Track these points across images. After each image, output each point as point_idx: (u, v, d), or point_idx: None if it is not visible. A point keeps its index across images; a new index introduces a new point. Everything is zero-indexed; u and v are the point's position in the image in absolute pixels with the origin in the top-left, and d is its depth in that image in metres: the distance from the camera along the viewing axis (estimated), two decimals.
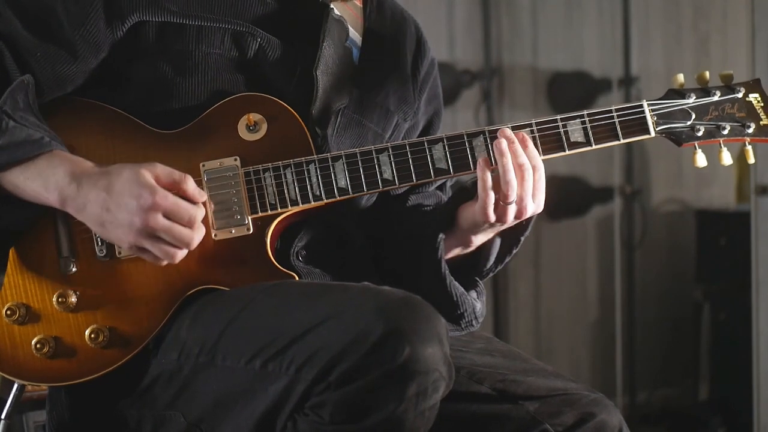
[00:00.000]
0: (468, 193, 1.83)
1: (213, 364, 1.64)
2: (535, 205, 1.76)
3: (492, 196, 1.73)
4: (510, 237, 1.89)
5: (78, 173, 1.66)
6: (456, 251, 1.87)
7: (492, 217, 1.75)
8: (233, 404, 1.62)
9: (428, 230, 1.84)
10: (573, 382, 1.80)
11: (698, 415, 4.57)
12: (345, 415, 1.51)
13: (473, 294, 1.89)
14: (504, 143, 1.73)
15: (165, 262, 1.68)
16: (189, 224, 1.65)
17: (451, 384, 1.55)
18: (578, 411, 1.74)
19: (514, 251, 1.92)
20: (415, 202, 1.95)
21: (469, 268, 1.90)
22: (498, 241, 1.89)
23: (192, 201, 1.67)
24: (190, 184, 1.67)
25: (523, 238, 1.90)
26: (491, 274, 1.94)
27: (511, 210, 1.74)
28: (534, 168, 1.74)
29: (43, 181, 1.66)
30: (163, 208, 1.63)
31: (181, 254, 1.67)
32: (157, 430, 1.72)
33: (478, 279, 1.91)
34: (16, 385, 1.87)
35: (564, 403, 1.75)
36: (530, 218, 1.85)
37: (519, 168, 1.73)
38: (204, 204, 1.71)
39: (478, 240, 1.85)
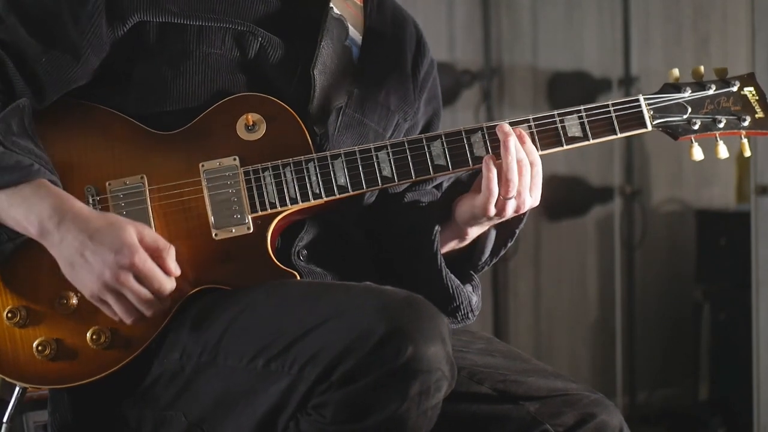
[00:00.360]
0: (463, 185, 1.84)
1: (215, 363, 1.64)
2: (532, 200, 1.78)
3: (496, 192, 1.74)
4: (505, 229, 1.90)
5: (63, 209, 1.64)
6: (452, 244, 1.88)
7: (492, 212, 1.76)
8: (235, 404, 1.62)
9: (424, 224, 1.85)
10: (573, 382, 1.80)
11: (698, 415, 4.57)
12: (347, 414, 1.50)
13: (468, 287, 1.89)
14: (505, 139, 1.74)
15: (118, 319, 1.66)
16: (158, 292, 1.64)
17: (453, 383, 1.55)
18: (579, 411, 1.74)
19: (509, 243, 1.93)
20: (412, 199, 1.95)
21: (464, 261, 1.91)
22: (493, 234, 1.90)
23: (167, 273, 1.65)
24: (170, 256, 1.65)
25: (518, 231, 1.91)
26: (486, 267, 1.95)
27: (511, 205, 1.76)
28: (532, 163, 1.75)
29: (26, 209, 1.64)
30: (137, 270, 1.61)
31: (136, 320, 1.65)
32: (159, 430, 1.72)
33: (473, 273, 1.92)
34: (18, 388, 1.87)
35: (564, 404, 1.75)
36: (519, 223, 1.88)
37: (518, 164, 1.74)
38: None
39: (474, 232, 1.86)
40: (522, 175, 1.74)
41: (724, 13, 5.07)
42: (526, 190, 1.76)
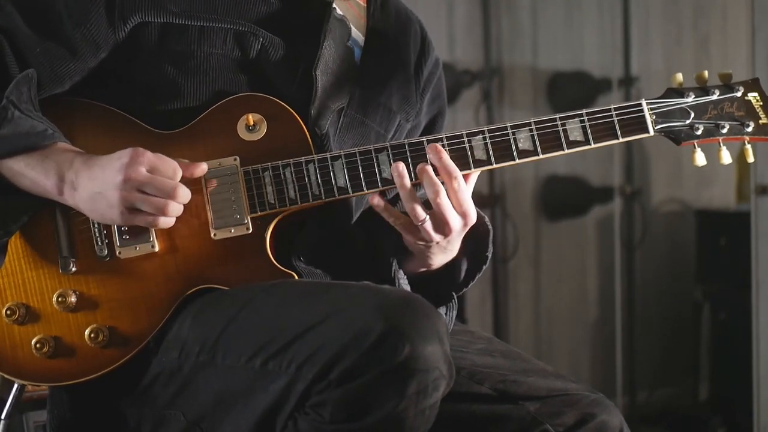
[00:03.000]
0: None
1: (213, 362, 1.64)
2: (462, 217, 1.72)
3: (419, 211, 1.70)
4: (476, 256, 1.89)
5: (77, 158, 1.68)
6: (422, 269, 1.86)
7: (413, 240, 1.73)
8: (233, 403, 1.62)
9: (383, 248, 1.84)
10: (573, 382, 1.80)
11: (698, 415, 4.57)
12: (345, 413, 1.51)
13: (442, 309, 1.87)
14: (401, 168, 1.70)
15: (160, 222, 1.67)
16: (173, 176, 1.66)
17: (451, 382, 1.55)
18: (579, 411, 1.75)
19: (484, 268, 1.91)
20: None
21: (439, 282, 1.88)
22: (464, 261, 1.88)
23: (183, 167, 1.68)
24: (182, 160, 1.69)
25: (489, 255, 1.90)
26: (464, 289, 1.92)
27: (428, 227, 1.71)
28: (453, 179, 1.70)
29: (44, 167, 1.67)
30: (142, 160, 1.64)
31: (172, 208, 1.66)
32: (158, 429, 1.72)
33: (453, 293, 1.91)
34: (16, 385, 1.88)
35: (564, 404, 1.75)
36: (486, 235, 1.86)
37: (432, 186, 1.69)
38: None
39: (435, 261, 1.82)
40: (438, 194, 1.69)
41: (724, 13, 5.06)
42: (447, 207, 1.70)
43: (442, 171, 1.70)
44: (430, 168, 1.71)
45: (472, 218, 1.74)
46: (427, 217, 1.71)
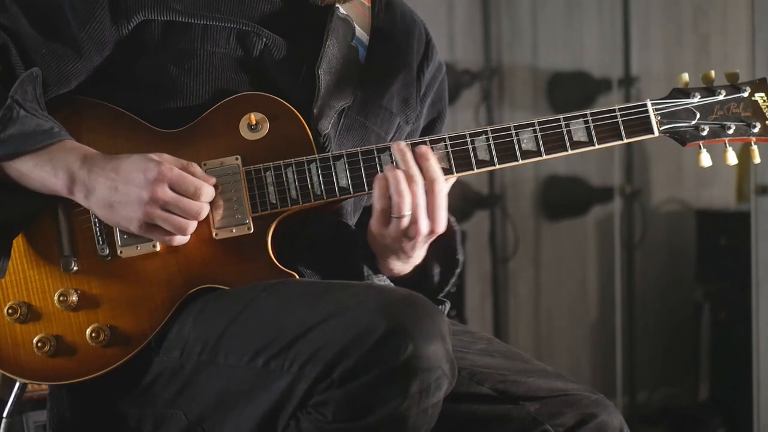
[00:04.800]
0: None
1: (215, 362, 1.64)
2: (432, 223, 1.71)
3: (386, 207, 1.69)
4: (447, 259, 1.88)
5: (89, 158, 1.67)
6: (397, 265, 1.83)
7: (384, 232, 1.71)
8: (235, 403, 1.62)
9: (354, 252, 1.83)
10: (574, 382, 1.80)
11: (698, 415, 4.57)
12: (348, 413, 1.51)
13: None
14: (397, 155, 1.70)
15: (176, 240, 1.68)
16: (195, 196, 1.67)
17: (453, 382, 1.55)
18: (579, 412, 1.75)
19: (457, 272, 1.91)
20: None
21: (413, 289, 1.88)
22: (435, 265, 1.87)
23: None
24: (196, 168, 1.69)
25: (460, 257, 1.89)
26: (441, 295, 1.92)
27: (403, 223, 1.69)
28: (432, 181, 1.70)
29: (53, 165, 1.66)
30: (168, 179, 1.64)
31: (192, 227, 1.68)
32: (158, 429, 1.72)
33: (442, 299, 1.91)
34: (17, 384, 1.88)
35: (565, 404, 1.75)
36: (453, 236, 1.84)
37: (409, 178, 1.68)
38: (213, 187, 1.71)
39: (395, 266, 1.81)
40: (415, 194, 1.68)
41: (724, 13, 5.07)
42: (421, 208, 1.69)
43: (427, 173, 1.70)
44: (433, 158, 1.70)
45: (441, 228, 1.73)
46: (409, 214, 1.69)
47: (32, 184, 1.68)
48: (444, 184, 1.72)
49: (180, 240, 1.69)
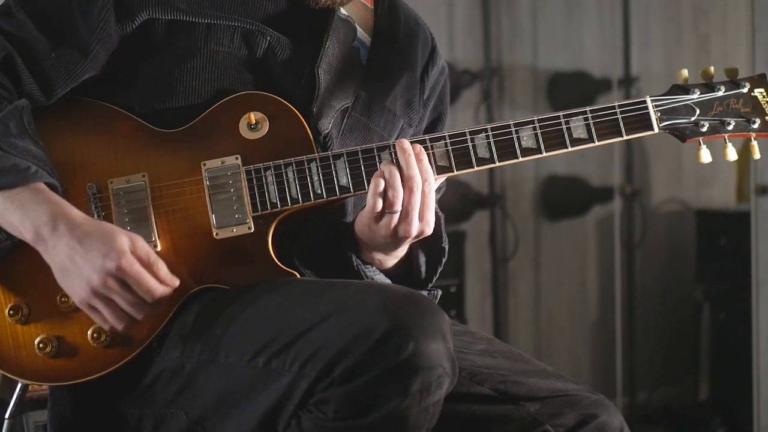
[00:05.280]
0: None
1: (215, 361, 1.64)
2: (422, 224, 1.71)
3: (379, 202, 1.69)
4: (432, 248, 1.87)
5: (58, 216, 1.64)
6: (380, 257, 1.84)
7: (375, 225, 1.71)
8: (236, 402, 1.62)
9: (344, 244, 1.83)
10: (574, 383, 1.80)
11: (698, 415, 4.57)
12: (349, 411, 1.51)
13: None
14: (400, 154, 1.70)
15: (108, 326, 1.65)
16: (146, 296, 1.62)
17: (455, 380, 1.55)
18: (579, 412, 1.75)
19: (444, 261, 1.89)
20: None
21: (399, 281, 1.87)
22: (421, 255, 1.87)
23: (161, 279, 1.63)
24: (162, 269, 1.63)
25: (445, 246, 1.88)
26: (429, 285, 1.91)
27: (394, 219, 1.70)
28: (424, 181, 1.70)
29: (22, 215, 1.64)
30: (124, 274, 1.60)
31: (130, 322, 1.64)
32: (159, 428, 1.72)
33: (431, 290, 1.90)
34: (19, 385, 1.88)
35: (565, 404, 1.75)
36: (440, 228, 1.83)
37: (409, 179, 1.69)
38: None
39: (383, 259, 1.82)
40: (412, 192, 1.69)
41: (724, 13, 5.07)
42: (415, 209, 1.69)
43: (423, 172, 1.70)
44: (425, 159, 1.71)
45: (429, 230, 1.73)
46: (401, 211, 1.70)
47: (5, 227, 1.67)
48: (434, 185, 1.72)
49: (122, 327, 1.64)
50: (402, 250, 1.81)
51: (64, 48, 1.74)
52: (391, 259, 1.83)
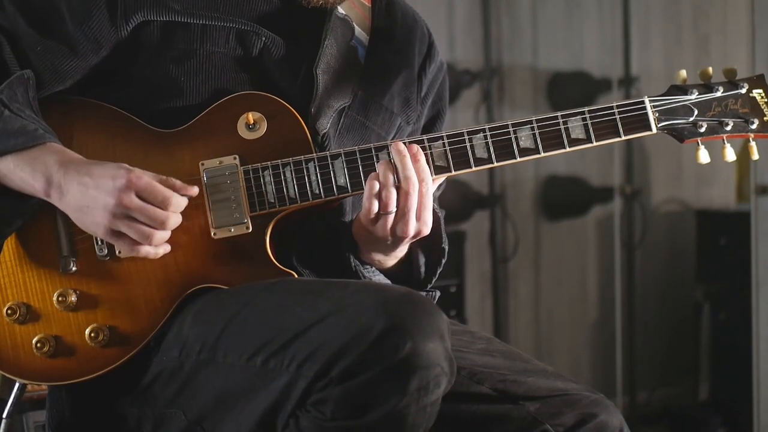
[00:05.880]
0: None
1: (214, 361, 1.64)
2: (419, 224, 1.71)
3: (375, 204, 1.70)
4: (432, 248, 1.87)
5: (66, 161, 1.68)
6: (380, 257, 1.84)
7: (372, 226, 1.71)
8: (234, 402, 1.62)
9: (342, 245, 1.83)
10: (574, 382, 1.80)
11: (698, 415, 4.57)
12: (347, 410, 1.51)
13: None
14: (396, 156, 1.71)
15: (143, 250, 1.67)
16: (163, 205, 1.66)
17: (452, 380, 1.55)
18: (579, 411, 1.74)
19: (443, 261, 1.90)
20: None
21: (398, 282, 1.87)
22: (421, 255, 1.87)
23: (176, 190, 1.68)
24: (174, 181, 1.69)
25: (445, 246, 1.88)
26: (429, 286, 1.91)
27: (390, 221, 1.70)
28: (421, 181, 1.70)
29: (32, 168, 1.67)
30: (136, 187, 1.64)
31: (158, 236, 1.67)
32: (158, 429, 1.72)
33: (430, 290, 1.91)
34: (17, 385, 1.88)
35: (565, 404, 1.75)
36: (439, 228, 1.83)
37: (405, 180, 1.69)
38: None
39: (382, 259, 1.82)
40: (408, 194, 1.69)
41: (724, 13, 5.07)
42: (412, 210, 1.69)
43: (417, 174, 1.70)
44: (422, 159, 1.71)
45: (427, 230, 1.73)
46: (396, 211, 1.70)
47: (15, 185, 1.69)
48: (431, 185, 1.72)
49: (147, 251, 1.68)
50: (401, 251, 1.81)
51: (51, 42, 1.75)
52: (391, 260, 1.83)
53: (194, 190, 1.71)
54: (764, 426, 3.66)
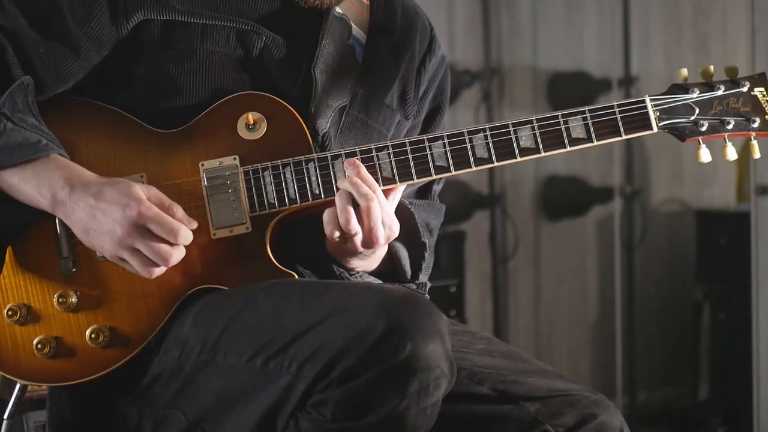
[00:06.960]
0: None
1: (214, 362, 1.64)
2: (386, 230, 1.71)
3: (336, 233, 1.71)
4: (411, 240, 1.88)
5: (73, 178, 1.67)
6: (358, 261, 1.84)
7: (343, 245, 1.72)
8: (234, 403, 1.62)
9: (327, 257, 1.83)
10: (574, 382, 1.79)
11: (698, 415, 4.57)
12: (347, 412, 1.51)
13: None
14: (349, 171, 1.71)
15: (148, 273, 1.67)
16: (171, 236, 1.65)
17: (453, 381, 1.55)
18: (579, 412, 1.74)
19: (426, 255, 1.90)
20: None
21: (391, 276, 1.88)
22: (402, 248, 1.87)
23: (178, 219, 1.67)
24: (178, 210, 1.68)
25: (425, 240, 1.88)
26: (423, 279, 1.91)
27: (358, 239, 1.70)
28: (375, 192, 1.70)
29: (38, 183, 1.66)
30: (146, 219, 1.64)
31: (158, 271, 1.67)
32: (158, 429, 1.72)
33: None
34: (18, 386, 1.88)
35: (565, 404, 1.75)
36: (413, 221, 1.84)
37: (360, 198, 1.69)
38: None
39: (365, 265, 1.82)
40: (368, 211, 1.68)
41: (724, 13, 5.07)
42: (377, 223, 1.69)
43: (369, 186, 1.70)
44: (358, 180, 1.70)
45: (395, 232, 1.73)
46: (360, 231, 1.70)
47: (21, 198, 1.68)
48: (382, 194, 1.71)
49: (151, 275, 1.67)
50: (382, 251, 1.81)
51: (54, 43, 1.74)
52: (373, 262, 1.83)
53: (194, 223, 1.70)
54: (764, 426, 3.66)
